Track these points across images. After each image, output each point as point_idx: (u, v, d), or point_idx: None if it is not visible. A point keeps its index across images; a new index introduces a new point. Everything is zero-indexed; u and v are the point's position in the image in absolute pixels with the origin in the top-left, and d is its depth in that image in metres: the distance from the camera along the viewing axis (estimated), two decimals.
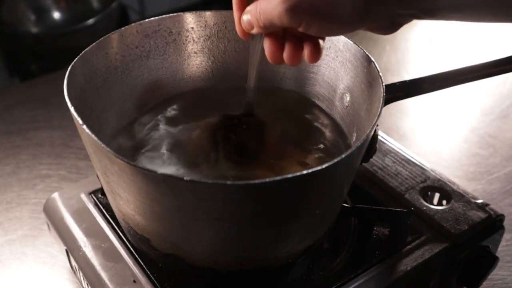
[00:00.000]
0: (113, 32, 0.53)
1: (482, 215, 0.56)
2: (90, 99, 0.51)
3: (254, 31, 0.44)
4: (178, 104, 0.59)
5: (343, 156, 0.39)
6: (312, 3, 0.39)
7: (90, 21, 1.54)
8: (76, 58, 0.49)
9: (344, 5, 0.39)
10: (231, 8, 0.47)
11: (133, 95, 0.57)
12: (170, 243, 0.45)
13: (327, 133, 0.56)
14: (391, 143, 0.65)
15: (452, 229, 0.55)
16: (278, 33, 0.45)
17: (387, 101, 0.49)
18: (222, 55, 0.60)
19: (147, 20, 0.55)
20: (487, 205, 0.58)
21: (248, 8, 0.44)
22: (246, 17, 0.44)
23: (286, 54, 0.44)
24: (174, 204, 0.40)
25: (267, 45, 0.45)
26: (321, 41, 0.44)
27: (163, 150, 0.53)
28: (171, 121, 0.56)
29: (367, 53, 0.50)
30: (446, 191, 0.59)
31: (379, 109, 0.44)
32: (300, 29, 0.41)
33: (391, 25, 0.42)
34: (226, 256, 0.45)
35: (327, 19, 0.40)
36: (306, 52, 0.44)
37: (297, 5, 0.39)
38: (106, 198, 0.58)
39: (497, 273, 0.63)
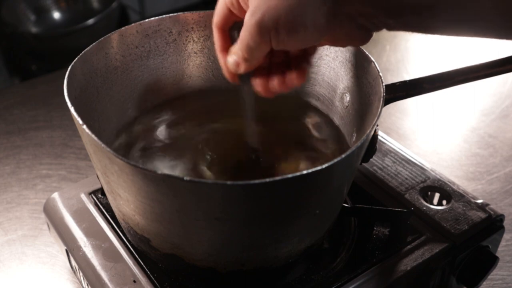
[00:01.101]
0: (113, 32, 0.53)
1: (482, 215, 0.56)
2: (90, 99, 0.51)
3: (241, 68, 0.44)
4: (178, 104, 0.59)
5: (343, 156, 0.39)
6: (275, 15, 0.39)
7: (90, 21, 1.54)
8: (76, 58, 0.49)
9: (306, 13, 0.39)
10: None
11: (133, 95, 0.57)
12: (170, 243, 0.45)
13: (327, 133, 0.56)
14: (391, 143, 0.65)
15: (452, 229, 0.55)
16: (264, 67, 0.45)
17: (387, 101, 0.49)
18: None
19: (147, 20, 0.55)
20: (487, 205, 0.58)
21: (231, 49, 0.45)
22: (231, 58, 0.44)
23: (274, 83, 0.45)
24: (174, 204, 0.40)
25: (256, 81, 0.46)
26: (305, 64, 0.45)
27: (163, 150, 0.53)
28: (171, 121, 0.57)
29: (367, 53, 0.50)
30: (446, 191, 0.59)
31: (379, 109, 0.44)
32: (273, 45, 0.41)
33: (359, 31, 0.42)
34: (226, 256, 0.45)
35: (293, 29, 0.40)
36: (290, 76, 0.45)
37: (262, 20, 0.39)
38: (106, 198, 0.58)
39: (497, 273, 0.63)
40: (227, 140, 0.54)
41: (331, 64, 0.55)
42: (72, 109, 0.42)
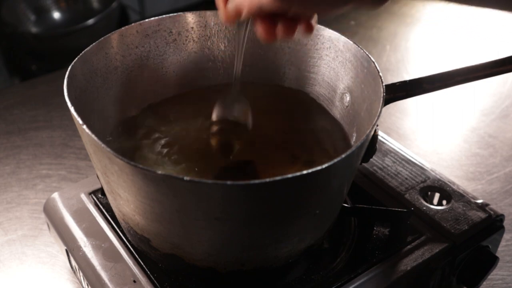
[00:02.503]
0: (113, 32, 0.53)
1: (482, 215, 0.56)
2: (90, 99, 0.51)
3: (243, 17, 0.42)
4: (178, 104, 0.59)
5: (343, 156, 0.39)
6: None
7: (90, 21, 1.54)
8: (76, 58, 0.49)
9: None
10: None
11: (133, 95, 0.57)
12: (170, 243, 0.45)
13: (327, 132, 0.56)
14: (391, 143, 0.65)
15: (452, 229, 0.55)
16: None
17: (387, 101, 0.49)
18: (222, 55, 0.60)
19: (147, 20, 0.55)
20: (487, 205, 0.58)
21: None
22: (233, 5, 0.42)
23: (280, 30, 0.42)
24: (174, 204, 0.40)
25: (259, 25, 0.42)
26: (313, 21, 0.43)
27: (164, 150, 0.53)
28: (171, 121, 0.57)
29: (367, 53, 0.50)
30: (446, 191, 0.59)
31: (379, 109, 0.44)
32: (291, 13, 0.40)
33: None
34: (226, 256, 0.45)
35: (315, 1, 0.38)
36: (300, 29, 0.42)
37: None
38: (106, 198, 0.58)
39: (497, 273, 0.63)
40: (227, 139, 0.54)
41: (331, 64, 0.55)
42: (72, 109, 0.42)
